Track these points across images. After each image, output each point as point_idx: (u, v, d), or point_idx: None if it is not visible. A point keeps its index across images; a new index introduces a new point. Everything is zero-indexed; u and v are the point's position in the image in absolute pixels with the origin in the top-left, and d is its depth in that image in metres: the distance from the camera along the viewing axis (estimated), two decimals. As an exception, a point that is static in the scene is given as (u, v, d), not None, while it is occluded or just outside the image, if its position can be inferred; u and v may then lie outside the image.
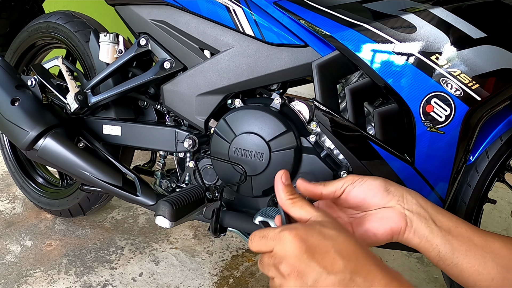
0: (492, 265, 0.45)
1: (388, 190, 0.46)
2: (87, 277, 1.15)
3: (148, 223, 1.46)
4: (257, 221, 0.79)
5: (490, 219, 1.65)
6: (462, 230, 0.46)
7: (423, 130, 0.75)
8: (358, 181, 0.47)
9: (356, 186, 0.47)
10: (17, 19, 1.48)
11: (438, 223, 0.46)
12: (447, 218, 0.46)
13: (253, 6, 0.84)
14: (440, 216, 0.46)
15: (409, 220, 0.46)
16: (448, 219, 0.46)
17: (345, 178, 0.49)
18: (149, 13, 0.97)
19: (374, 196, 0.47)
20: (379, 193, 0.46)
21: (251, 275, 1.21)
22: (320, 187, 0.48)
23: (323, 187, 0.48)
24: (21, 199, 1.58)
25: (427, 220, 0.46)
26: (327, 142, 0.88)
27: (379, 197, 0.47)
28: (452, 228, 0.46)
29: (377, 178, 0.48)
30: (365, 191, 0.47)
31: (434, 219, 0.46)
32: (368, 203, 0.48)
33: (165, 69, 0.97)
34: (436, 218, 0.46)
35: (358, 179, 0.47)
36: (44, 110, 1.05)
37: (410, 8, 0.72)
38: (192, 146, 0.96)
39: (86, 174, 0.99)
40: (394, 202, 0.46)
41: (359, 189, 0.47)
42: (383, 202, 0.47)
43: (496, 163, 0.86)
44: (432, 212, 0.46)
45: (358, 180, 0.47)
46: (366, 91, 0.79)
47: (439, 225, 0.46)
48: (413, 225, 0.46)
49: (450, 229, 0.46)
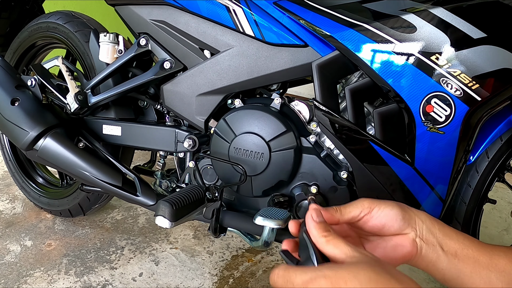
0: (497, 283, 0.45)
1: (404, 218, 0.47)
2: (87, 277, 1.15)
3: (148, 223, 1.46)
4: (257, 222, 0.79)
5: (490, 219, 1.65)
6: (469, 251, 0.46)
7: (423, 130, 0.75)
8: (376, 209, 0.47)
9: (373, 215, 0.47)
10: (17, 19, 1.48)
11: (445, 248, 0.47)
12: (455, 240, 0.47)
13: (253, 6, 0.84)
14: (447, 239, 0.47)
15: (419, 247, 0.47)
16: (455, 241, 0.47)
17: (361, 203, 0.48)
18: (149, 13, 0.97)
19: (391, 226, 0.47)
20: (397, 222, 0.47)
21: (251, 275, 1.20)
22: (337, 215, 0.48)
23: (340, 215, 0.48)
24: (21, 199, 1.58)
25: (434, 246, 0.47)
26: (327, 142, 0.88)
27: (396, 227, 0.47)
28: (459, 250, 0.46)
29: (393, 206, 0.48)
30: (382, 221, 0.47)
31: (442, 244, 0.47)
32: (385, 232, 0.48)
33: (165, 69, 0.97)
34: (444, 242, 0.47)
35: (376, 207, 0.47)
36: (44, 110, 1.05)
37: (410, 8, 0.72)
38: (192, 146, 0.96)
39: (86, 174, 0.99)
40: (408, 229, 0.47)
41: (377, 219, 0.47)
42: (399, 231, 0.47)
43: (496, 163, 0.86)
44: (440, 236, 0.47)
45: (376, 209, 0.47)
46: (366, 91, 0.79)
47: (446, 249, 0.47)
48: (422, 252, 0.47)
49: (456, 252, 0.47)
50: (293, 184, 0.90)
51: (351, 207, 0.48)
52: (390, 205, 0.48)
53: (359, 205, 0.48)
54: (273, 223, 0.78)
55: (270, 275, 0.40)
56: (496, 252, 0.47)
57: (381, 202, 0.48)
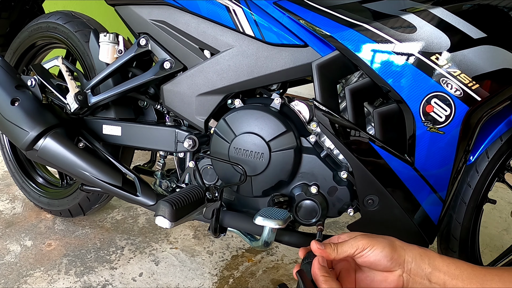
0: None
1: (392, 259, 0.52)
2: (87, 277, 1.15)
3: (148, 223, 1.46)
4: (257, 222, 0.79)
5: (490, 219, 1.65)
6: (458, 281, 0.50)
7: (423, 130, 0.75)
8: (368, 249, 0.52)
9: (364, 254, 0.52)
10: (17, 19, 1.48)
11: (433, 280, 0.51)
12: (443, 272, 0.51)
13: (253, 6, 0.84)
14: (437, 271, 0.51)
15: (405, 281, 0.52)
16: (444, 273, 0.51)
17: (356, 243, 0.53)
18: (149, 13, 0.97)
19: (379, 265, 0.53)
20: (384, 263, 0.52)
21: (251, 275, 1.20)
22: (333, 254, 0.53)
23: (336, 254, 0.53)
24: (21, 199, 1.58)
25: (422, 279, 0.52)
26: (327, 142, 0.88)
27: (383, 266, 0.52)
28: (448, 281, 0.50)
29: (384, 247, 0.52)
30: (371, 260, 0.52)
31: (430, 277, 0.51)
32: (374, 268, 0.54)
33: (165, 69, 0.97)
34: (432, 275, 0.51)
35: (368, 248, 0.52)
36: (44, 110, 1.05)
37: (410, 8, 0.72)
38: (192, 146, 0.96)
39: (86, 174, 0.99)
40: (396, 267, 0.52)
41: (367, 258, 0.53)
42: (387, 269, 0.53)
43: (496, 163, 0.86)
44: (428, 270, 0.51)
45: (368, 249, 0.52)
46: (366, 91, 0.79)
47: (434, 281, 0.51)
48: (409, 285, 0.53)
49: (445, 282, 0.50)
50: (293, 184, 0.90)
51: (347, 247, 0.53)
52: (382, 245, 0.52)
53: (355, 245, 0.53)
54: (273, 223, 0.78)
55: None
56: (488, 277, 0.50)
57: (374, 242, 0.53)
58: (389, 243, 0.53)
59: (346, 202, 0.88)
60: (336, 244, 0.54)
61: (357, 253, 0.53)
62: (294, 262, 1.28)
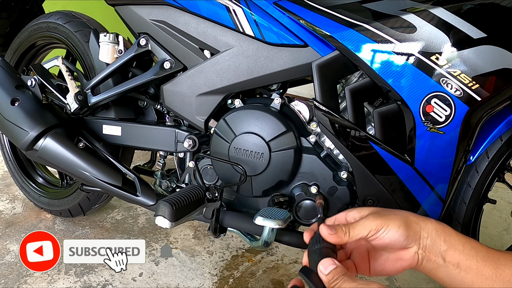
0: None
1: (408, 237, 0.49)
2: (87, 277, 1.15)
3: (148, 223, 1.46)
4: (257, 222, 0.79)
5: (490, 219, 1.65)
6: (472, 262, 0.48)
7: (423, 130, 0.75)
8: (382, 230, 0.49)
9: (379, 236, 0.49)
10: (17, 19, 1.48)
11: (447, 259, 0.48)
12: (459, 251, 0.48)
13: (253, 6, 0.84)
14: (452, 250, 0.48)
15: (420, 258, 0.50)
16: (459, 252, 0.48)
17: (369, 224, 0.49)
18: (149, 13, 0.97)
19: (395, 245, 0.50)
20: (400, 242, 0.49)
21: (251, 275, 1.20)
22: (345, 238, 0.49)
23: (348, 238, 0.49)
24: (21, 199, 1.58)
25: (436, 257, 0.49)
26: (327, 142, 0.88)
27: (399, 246, 0.50)
28: (462, 261, 0.48)
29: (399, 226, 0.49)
30: (386, 241, 0.49)
31: (445, 255, 0.48)
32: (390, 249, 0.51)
33: (165, 69, 0.97)
34: (447, 253, 0.48)
35: (382, 229, 0.49)
36: (44, 110, 1.05)
37: (410, 8, 0.72)
38: (192, 146, 0.96)
39: (86, 174, 0.99)
40: (412, 244, 0.49)
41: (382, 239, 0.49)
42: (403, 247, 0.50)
43: (496, 163, 0.86)
44: (443, 248, 0.49)
45: (382, 230, 0.49)
46: (366, 91, 0.79)
47: (449, 260, 0.48)
48: (423, 263, 0.50)
49: (459, 263, 0.48)
50: (293, 184, 0.90)
51: (359, 229, 0.49)
52: (397, 224, 0.49)
53: (367, 226, 0.49)
54: (273, 223, 0.79)
55: None
56: (503, 262, 0.48)
57: (388, 220, 0.49)
58: (404, 220, 0.49)
59: (346, 202, 0.88)
60: (347, 227, 0.50)
61: (371, 235, 0.49)
62: (294, 262, 1.28)
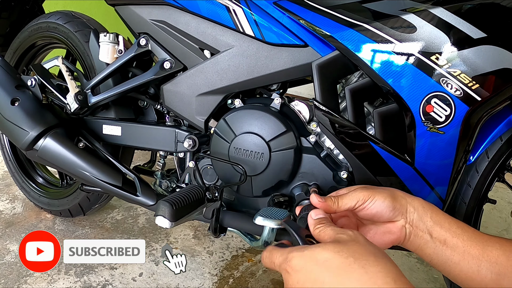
0: (486, 273, 0.47)
1: (394, 209, 0.50)
2: (87, 277, 1.15)
3: (148, 223, 1.46)
4: (257, 222, 0.79)
5: (490, 219, 1.65)
6: (459, 240, 0.49)
7: (423, 130, 0.75)
8: (369, 201, 0.51)
9: (366, 206, 0.51)
10: (17, 19, 1.48)
11: (434, 235, 0.50)
12: (445, 228, 0.49)
13: (253, 6, 0.84)
14: (438, 227, 0.50)
15: (407, 233, 0.51)
16: (446, 229, 0.49)
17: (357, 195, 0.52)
18: (149, 13, 0.97)
19: (381, 216, 0.51)
20: (386, 213, 0.51)
21: (251, 275, 1.20)
22: (334, 206, 0.52)
23: (337, 207, 0.52)
24: (21, 199, 1.58)
25: (423, 233, 0.50)
26: (327, 142, 0.88)
27: (385, 217, 0.51)
28: (448, 238, 0.49)
29: (385, 197, 0.51)
30: (373, 212, 0.51)
31: (431, 231, 0.50)
32: (376, 220, 0.53)
33: (165, 69, 0.97)
34: (433, 229, 0.50)
35: (369, 199, 0.51)
36: (44, 110, 1.05)
37: (410, 8, 0.72)
38: (192, 146, 0.96)
39: (86, 174, 0.99)
40: (398, 217, 0.51)
41: (369, 210, 0.51)
42: (389, 219, 0.51)
43: (496, 163, 0.86)
44: (430, 223, 0.50)
45: (369, 201, 0.51)
46: (366, 91, 0.79)
47: (435, 236, 0.50)
48: (410, 238, 0.51)
49: (446, 240, 0.49)
50: (293, 184, 0.90)
51: (347, 199, 0.52)
52: (383, 196, 0.51)
53: (355, 197, 0.51)
54: (273, 223, 0.78)
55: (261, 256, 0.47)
56: (490, 243, 0.49)
57: (375, 193, 0.51)
58: (390, 193, 0.52)
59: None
60: (336, 197, 0.52)
61: (358, 205, 0.51)
62: (294, 262, 1.28)
